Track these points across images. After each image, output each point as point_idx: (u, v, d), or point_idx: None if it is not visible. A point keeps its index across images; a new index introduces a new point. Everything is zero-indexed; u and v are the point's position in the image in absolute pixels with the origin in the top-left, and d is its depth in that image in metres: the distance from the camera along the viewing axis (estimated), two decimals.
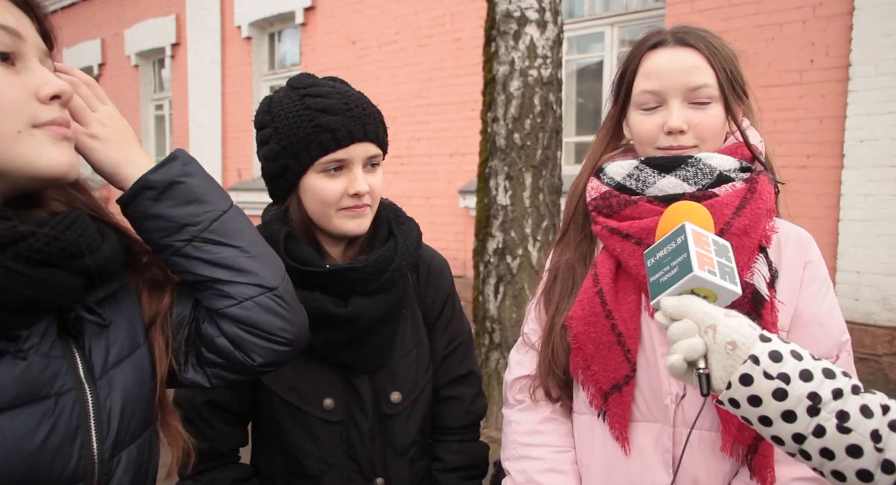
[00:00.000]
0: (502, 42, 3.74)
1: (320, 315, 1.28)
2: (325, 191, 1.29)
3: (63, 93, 0.83)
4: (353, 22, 7.44)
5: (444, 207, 6.51)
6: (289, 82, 1.34)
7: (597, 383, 1.22)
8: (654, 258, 0.97)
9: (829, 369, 0.85)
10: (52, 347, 0.81)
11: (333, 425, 1.36)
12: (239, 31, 8.84)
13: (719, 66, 1.20)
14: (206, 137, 9.44)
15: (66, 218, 0.82)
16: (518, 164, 3.73)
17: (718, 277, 0.90)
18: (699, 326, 0.88)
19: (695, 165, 1.19)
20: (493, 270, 3.82)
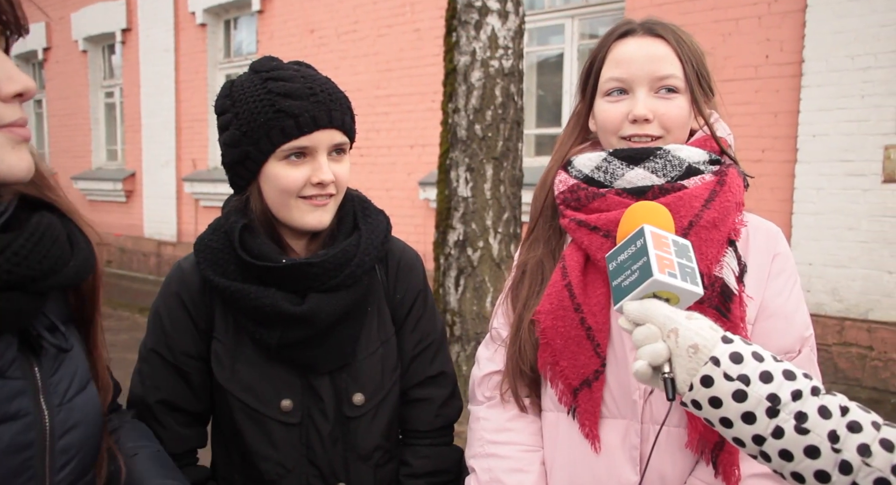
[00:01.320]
0: (463, 32, 3.70)
1: (274, 313, 1.22)
2: (286, 179, 1.22)
3: (27, 90, 0.76)
4: (312, 10, 7.32)
5: (403, 198, 6.47)
6: (251, 66, 1.27)
7: (566, 379, 1.20)
8: (616, 262, 0.97)
9: (789, 371, 0.85)
10: (10, 367, 0.77)
11: (292, 427, 1.29)
12: (193, 18, 8.62)
13: (686, 58, 1.20)
14: (159, 125, 9.19)
15: (33, 236, 0.76)
16: (479, 155, 3.70)
17: (679, 279, 0.90)
18: (662, 331, 0.88)
19: (663, 157, 1.18)
20: (453, 262, 3.80)
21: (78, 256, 0.84)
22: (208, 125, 8.61)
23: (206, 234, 1.33)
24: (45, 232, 0.79)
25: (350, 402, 1.32)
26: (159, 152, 9.20)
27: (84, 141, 10.51)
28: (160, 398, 1.29)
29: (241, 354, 1.29)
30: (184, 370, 1.30)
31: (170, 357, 1.30)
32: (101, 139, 10.53)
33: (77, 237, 0.86)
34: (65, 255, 0.81)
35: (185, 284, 1.31)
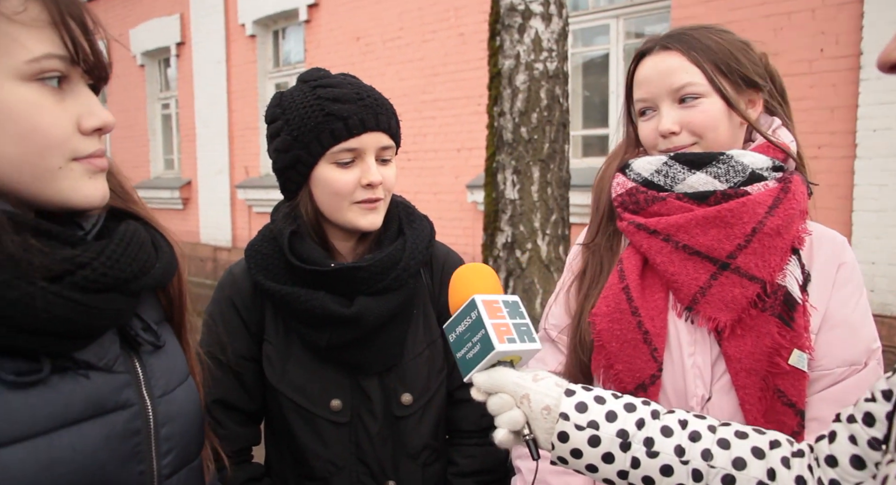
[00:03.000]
0: (507, 36, 3.71)
1: (323, 315, 1.26)
2: (337, 182, 1.26)
3: (106, 125, 0.82)
4: (357, 18, 7.42)
5: (451, 202, 6.49)
6: (300, 77, 1.32)
7: (620, 383, 1.20)
8: (455, 333, 0.98)
9: (629, 404, 0.92)
10: (116, 363, 0.83)
11: (341, 426, 1.33)
12: (243, 30, 8.84)
13: (706, 59, 1.19)
14: (212, 135, 9.44)
15: (122, 241, 0.83)
16: (525, 158, 3.70)
17: (518, 342, 0.94)
18: (515, 398, 0.92)
19: (726, 163, 1.17)
20: (502, 264, 3.80)
21: (162, 259, 0.89)
22: (259, 133, 8.80)
23: (256, 240, 1.38)
24: (133, 238, 0.85)
25: (398, 402, 1.35)
26: (213, 161, 9.45)
27: (142, 151, 10.87)
28: (216, 398, 1.35)
29: (291, 355, 1.33)
30: (237, 371, 1.35)
31: (224, 359, 1.35)
32: (158, 149, 10.88)
33: (160, 242, 0.92)
34: (151, 258, 0.87)
35: (236, 289, 1.36)
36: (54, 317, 0.74)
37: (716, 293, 1.15)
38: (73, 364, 0.79)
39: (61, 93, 0.78)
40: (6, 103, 0.73)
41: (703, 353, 1.18)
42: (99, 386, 0.81)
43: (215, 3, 9.13)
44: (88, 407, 0.79)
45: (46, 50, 0.75)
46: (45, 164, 0.77)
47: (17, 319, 0.72)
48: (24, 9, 0.74)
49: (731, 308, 1.14)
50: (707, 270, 1.16)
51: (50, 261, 0.75)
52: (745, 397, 1.12)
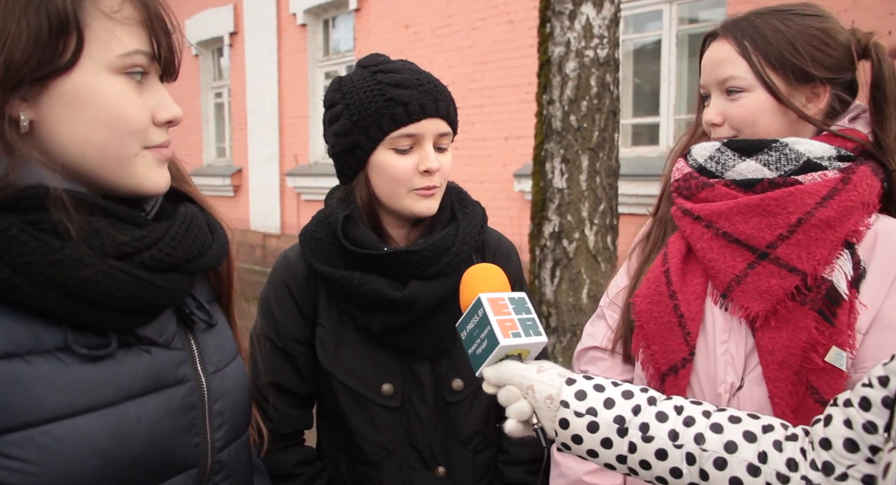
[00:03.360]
0: (557, 23, 3.67)
1: (377, 298, 1.28)
2: (395, 168, 1.28)
3: (175, 118, 0.88)
4: (406, 6, 7.43)
5: (498, 191, 6.48)
6: (359, 62, 1.34)
7: (655, 364, 1.22)
8: (466, 331, 1.03)
9: (627, 391, 0.95)
10: (174, 340, 0.88)
11: (393, 410, 1.35)
12: (294, 19, 8.94)
13: (757, 52, 1.16)
14: (263, 123, 9.61)
15: (184, 223, 0.88)
16: (574, 146, 3.67)
17: (523, 336, 0.99)
18: (521, 389, 0.97)
19: (779, 150, 1.16)
20: (549, 254, 3.79)
21: (217, 240, 0.94)
22: (309, 122, 8.92)
23: (310, 225, 1.40)
24: (192, 220, 0.90)
25: (449, 387, 1.36)
26: (263, 149, 9.62)
27: (196, 140, 11.12)
28: (270, 380, 1.37)
29: (344, 339, 1.36)
30: (291, 355, 1.38)
31: (278, 342, 1.38)
32: (211, 138, 11.12)
33: (214, 224, 0.97)
34: (207, 239, 0.91)
35: (291, 273, 1.39)
36: (122, 294, 0.78)
37: (751, 282, 1.14)
38: (136, 340, 0.84)
39: (142, 86, 0.84)
40: (100, 92, 0.79)
41: (738, 341, 1.17)
42: (159, 361, 0.85)
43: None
44: (150, 381, 0.83)
45: (136, 46, 0.81)
46: (124, 150, 0.82)
47: (89, 296, 0.76)
48: (120, 8, 0.80)
49: (766, 299, 1.12)
50: (745, 259, 1.15)
51: (119, 241, 0.79)
52: (774, 390, 1.11)
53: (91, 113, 0.79)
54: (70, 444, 0.74)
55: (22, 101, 0.77)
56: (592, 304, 3.61)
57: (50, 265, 0.74)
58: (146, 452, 0.80)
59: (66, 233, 0.75)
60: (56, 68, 0.76)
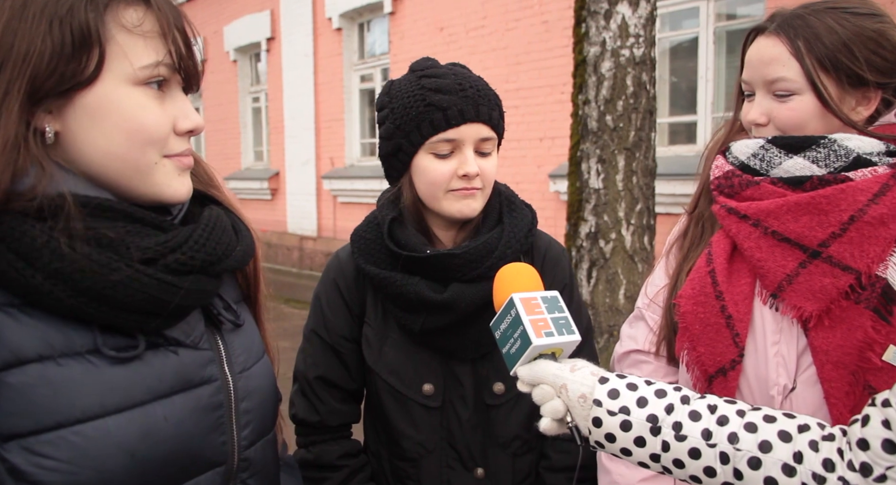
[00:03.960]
0: (593, 22, 3.66)
1: (417, 300, 1.30)
2: (434, 172, 1.29)
3: (196, 128, 0.89)
4: (441, 8, 7.46)
5: (533, 191, 6.47)
6: (410, 66, 1.36)
7: (702, 366, 1.19)
8: (500, 331, 1.03)
9: (660, 390, 0.95)
10: (201, 340, 0.90)
11: (433, 410, 1.37)
12: (330, 23, 9.04)
13: (810, 54, 1.12)
14: (299, 127, 9.73)
15: (208, 226, 0.89)
16: (610, 146, 3.65)
17: (556, 335, 0.98)
18: (554, 388, 0.97)
19: (828, 147, 1.13)
20: (585, 254, 3.78)
21: (242, 242, 0.95)
22: (345, 125, 9.01)
23: (361, 226, 1.43)
24: (217, 223, 0.91)
25: (490, 390, 1.37)
26: (300, 152, 9.74)
27: (234, 144, 11.32)
28: (318, 375, 1.41)
29: (387, 338, 1.38)
30: (339, 351, 1.41)
31: (327, 338, 1.42)
32: (248, 142, 11.30)
33: (239, 226, 0.98)
34: (232, 241, 0.93)
35: (341, 273, 1.43)
36: (149, 297, 0.80)
37: (803, 282, 1.11)
38: (163, 341, 0.86)
39: (162, 96, 0.86)
40: (120, 104, 0.81)
41: (789, 342, 1.15)
42: (186, 362, 0.87)
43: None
44: (177, 381, 0.85)
45: (156, 58, 0.83)
46: (144, 159, 0.84)
47: (117, 300, 0.78)
48: (141, 22, 0.82)
49: (819, 298, 1.10)
50: (796, 258, 1.13)
51: (145, 245, 0.81)
52: (830, 391, 1.09)
53: (112, 123, 0.81)
54: (101, 443, 0.76)
55: (47, 113, 0.80)
56: (629, 304, 3.59)
57: (79, 271, 0.76)
58: (174, 450, 0.82)
59: (93, 239, 0.78)
60: (79, 82, 0.79)
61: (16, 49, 0.76)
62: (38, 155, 0.78)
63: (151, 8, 0.83)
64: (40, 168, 0.77)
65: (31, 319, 0.76)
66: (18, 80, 0.75)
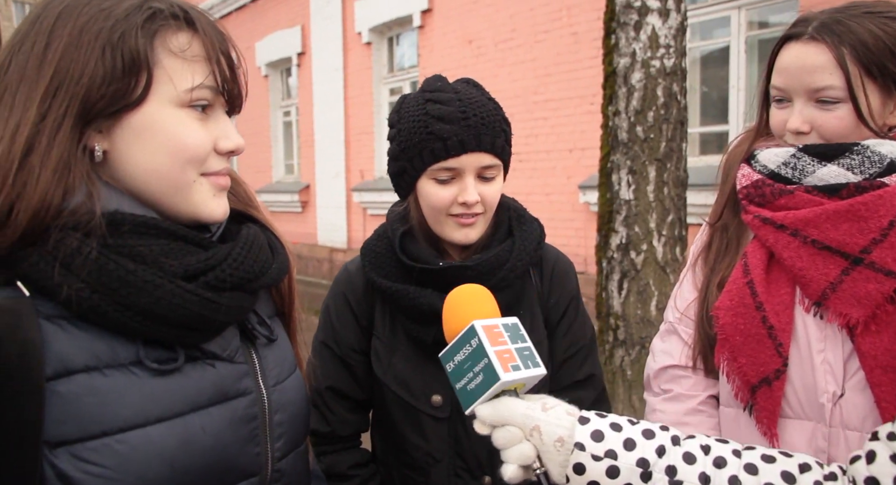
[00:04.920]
0: (622, 33, 3.66)
1: (430, 312, 1.31)
2: (434, 197, 1.31)
3: (237, 148, 0.92)
4: (469, 22, 7.51)
5: (563, 202, 6.45)
6: (423, 84, 1.37)
7: (744, 376, 1.19)
8: (453, 363, 0.92)
9: (648, 430, 0.87)
10: (236, 354, 0.92)
11: (441, 421, 1.38)
12: (360, 37, 9.16)
13: (855, 60, 1.11)
14: (329, 140, 9.84)
15: (246, 245, 0.92)
16: (641, 157, 3.64)
17: (523, 369, 0.89)
18: (524, 430, 0.88)
19: (861, 153, 1.13)
20: (616, 266, 3.75)
21: (278, 260, 0.98)
22: (374, 138, 9.09)
23: (371, 239, 1.46)
24: (254, 241, 0.94)
25: None
26: (330, 165, 9.85)
27: (265, 157, 11.48)
28: (329, 385, 1.44)
29: (397, 350, 1.40)
30: (348, 363, 1.44)
31: (337, 350, 1.44)
32: (279, 155, 11.46)
33: (275, 244, 1.01)
34: (268, 259, 0.95)
35: (350, 286, 1.45)
36: (189, 312, 0.83)
37: (847, 289, 1.12)
38: (201, 354, 0.88)
39: (206, 117, 0.89)
40: (165, 124, 0.85)
41: (835, 349, 1.15)
42: (223, 375, 0.90)
43: (333, 14, 9.51)
44: (214, 393, 0.88)
45: (200, 81, 0.86)
46: (184, 177, 0.87)
47: (160, 314, 0.81)
48: (188, 46, 0.86)
49: (865, 304, 1.10)
50: (838, 266, 1.13)
51: (186, 262, 0.84)
52: (881, 396, 1.08)
53: (156, 143, 0.84)
54: (143, 451, 0.78)
55: (97, 132, 0.83)
56: (661, 316, 3.55)
57: (125, 286, 0.79)
58: (211, 460, 0.85)
59: (138, 255, 0.81)
60: (128, 103, 0.82)
61: (71, 73, 0.79)
62: (87, 173, 0.81)
63: (198, 33, 0.87)
64: (89, 186, 0.81)
65: (80, 330, 0.79)
66: (72, 102, 0.79)
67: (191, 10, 0.87)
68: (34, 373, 0.74)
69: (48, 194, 0.77)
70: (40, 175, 0.77)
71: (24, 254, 0.77)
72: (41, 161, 0.77)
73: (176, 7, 0.86)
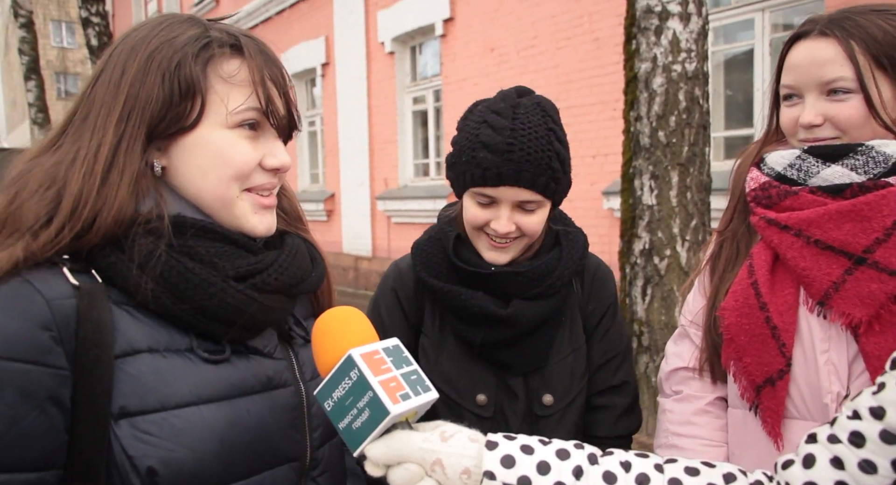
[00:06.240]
0: (643, 38, 3.65)
1: (481, 314, 1.34)
2: (470, 215, 1.35)
3: (282, 166, 1.00)
4: (491, 30, 7.54)
5: (587, 209, 6.43)
6: (501, 94, 1.34)
7: (749, 376, 1.20)
8: (332, 400, 0.82)
9: (562, 450, 0.82)
10: (276, 350, 1.00)
11: (485, 420, 1.40)
12: (383, 47, 9.24)
13: (865, 53, 1.12)
14: (354, 149, 9.93)
15: (290, 253, 1.01)
16: (664, 162, 3.62)
17: (413, 397, 0.82)
18: (424, 466, 0.80)
19: (865, 154, 1.13)
20: (639, 271, 3.74)
21: (317, 269, 1.07)
22: (398, 146, 9.15)
23: (422, 239, 1.49)
24: (297, 250, 1.03)
25: (540, 402, 1.42)
26: (355, 174, 9.93)
27: (291, 167, 11.59)
28: None
29: (444, 349, 1.43)
30: None
31: None
32: (305, 164, 11.58)
33: (315, 253, 1.10)
34: (308, 268, 1.04)
35: (401, 282, 1.48)
36: (237, 310, 0.91)
37: (850, 289, 1.12)
38: (245, 349, 0.96)
39: (254, 136, 0.96)
40: (214, 144, 0.93)
41: (839, 350, 1.15)
42: (265, 367, 0.98)
43: (357, 24, 9.62)
44: (257, 383, 0.95)
45: (247, 104, 0.94)
46: (227, 193, 0.95)
47: (212, 309, 0.90)
48: (237, 72, 0.94)
49: (868, 304, 1.10)
50: (841, 265, 1.13)
51: (238, 264, 0.93)
52: None
53: (205, 160, 0.93)
54: (196, 427, 0.86)
55: (157, 150, 0.93)
56: None
57: (184, 282, 0.88)
58: (256, 440, 0.92)
59: (197, 255, 0.90)
60: (183, 126, 0.92)
61: (139, 99, 0.90)
62: (154, 184, 0.92)
63: (246, 59, 0.95)
64: (158, 195, 0.91)
65: (143, 317, 0.89)
66: (141, 125, 0.90)
67: (242, 37, 0.96)
68: (106, 349, 0.83)
69: (124, 205, 0.87)
70: (119, 189, 0.87)
71: (102, 253, 0.87)
72: (119, 177, 0.88)
73: (228, 35, 0.95)
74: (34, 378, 0.78)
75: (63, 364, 0.80)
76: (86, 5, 9.49)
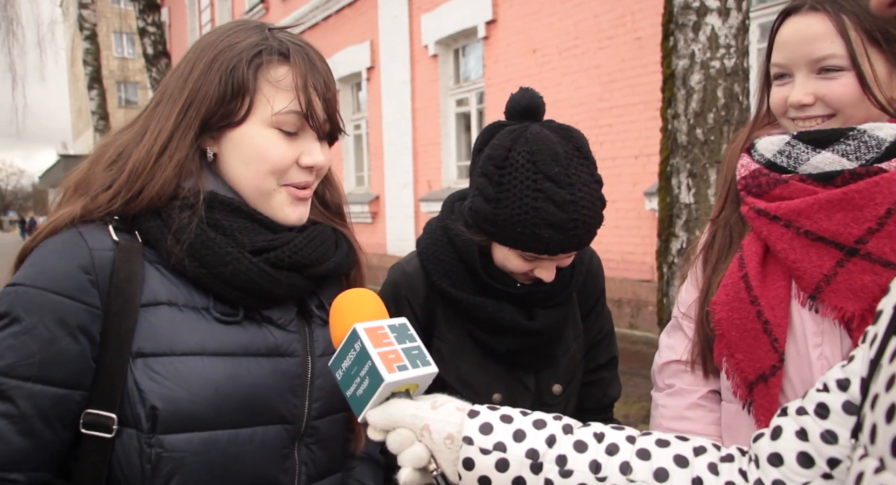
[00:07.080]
0: (681, 35, 3.60)
1: (510, 326, 1.37)
2: (512, 265, 1.31)
3: (316, 166, 1.08)
4: (534, 31, 7.53)
5: (629, 210, 6.36)
6: (540, 148, 1.23)
7: (741, 372, 1.16)
8: (342, 370, 0.91)
9: (539, 420, 0.85)
10: (290, 324, 1.10)
11: None
12: (426, 51, 9.31)
13: (858, 28, 1.08)
14: (398, 151, 10.02)
15: (308, 236, 1.10)
16: (701, 160, 3.56)
17: (411, 368, 0.88)
18: (415, 431, 0.86)
19: (857, 138, 1.08)
20: (677, 271, 3.68)
21: (339, 255, 1.14)
22: (441, 148, 9.20)
23: (427, 243, 1.46)
24: (317, 235, 1.11)
25: (549, 392, 1.47)
26: (399, 176, 10.01)
27: (336, 169, 11.48)
28: None
29: (462, 353, 1.44)
30: None
31: None
32: (350, 167, 11.74)
33: (342, 242, 1.18)
34: (328, 252, 1.12)
35: (412, 290, 1.46)
36: (250, 280, 1.01)
37: (842, 281, 1.07)
38: (259, 317, 1.06)
39: (294, 137, 1.06)
40: (255, 139, 1.04)
41: (832, 344, 1.11)
42: (275, 336, 1.06)
43: (401, 28, 9.71)
44: (264, 347, 1.04)
45: (289, 108, 1.04)
46: (265, 185, 1.06)
47: (228, 277, 1.01)
48: (283, 77, 1.04)
49: (861, 297, 1.06)
50: (832, 257, 1.08)
51: (255, 240, 1.04)
52: None
53: (247, 154, 1.04)
54: (195, 373, 0.97)
55: (211, 138, 1.06)
56: None
57: (206, 249, 1.00)
58: (251, 396, 1.01)
59: (221, 228, 1.02)
60: (232, 122, 1.03)
61: (200, 94, 1.02)
62: (198, 168, 1.04)
63: (293, 66, 1.05)
64: (199, 176, 1.04)
65: (172, 276, 1.01)
66: (197, 117, 1.03)
67: (293, 46, 1.06)
68: (133, 297, 0.97)
69: (168, 182, 1.00)
70: (166, 170, 1.01)
71: (145, 218, 1.01)
72: (169, 160, 1.01)
73: (281, 43, 1.05)
74: (70, 310, 0.93)
75: (97, 303, 0.94)
76: (143, 16, 9.82)
